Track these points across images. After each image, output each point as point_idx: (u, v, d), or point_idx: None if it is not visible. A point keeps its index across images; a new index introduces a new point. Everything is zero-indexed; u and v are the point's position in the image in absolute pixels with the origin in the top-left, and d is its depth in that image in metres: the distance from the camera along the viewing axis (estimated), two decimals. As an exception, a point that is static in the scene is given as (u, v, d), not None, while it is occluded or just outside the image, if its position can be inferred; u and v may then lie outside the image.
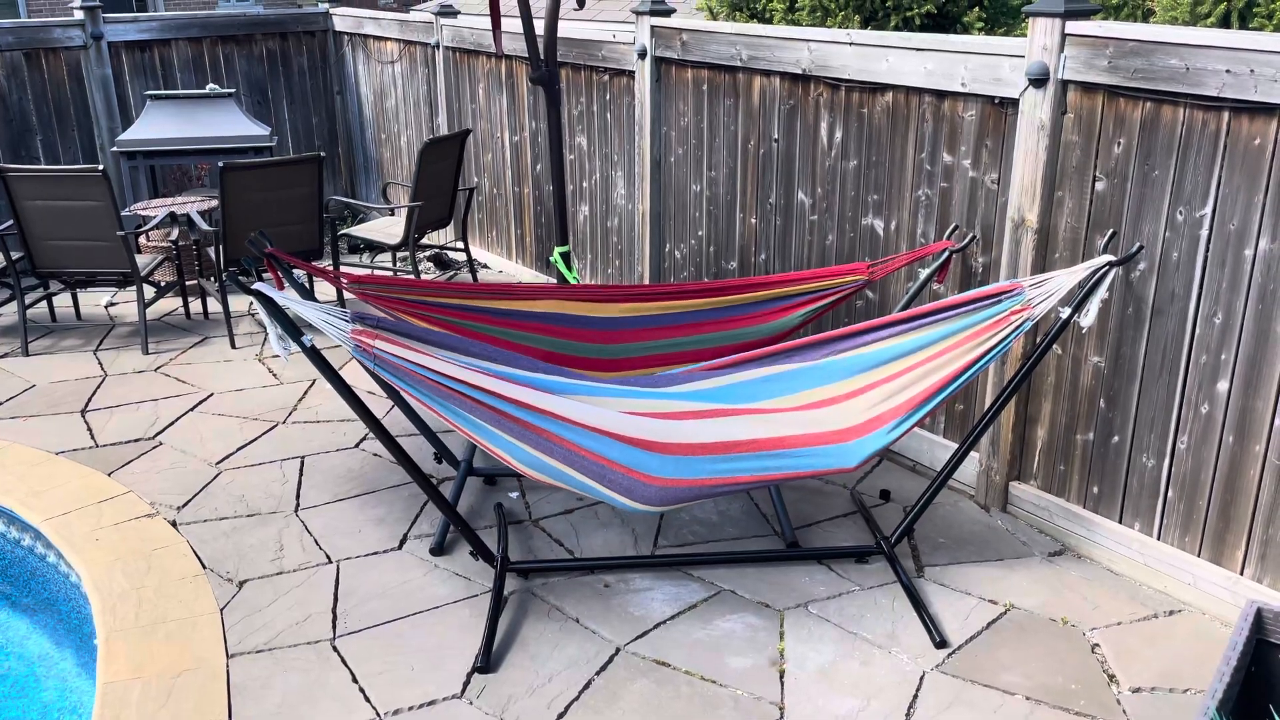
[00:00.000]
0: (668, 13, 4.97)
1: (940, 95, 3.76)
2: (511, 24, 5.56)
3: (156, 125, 6.62)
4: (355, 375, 5.01)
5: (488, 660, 3.04)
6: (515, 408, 3.05)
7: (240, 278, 3.02)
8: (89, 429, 4.59)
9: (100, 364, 5.37)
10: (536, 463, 3.07)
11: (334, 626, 3.23)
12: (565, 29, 5.45)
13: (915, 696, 2.91)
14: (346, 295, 6.06)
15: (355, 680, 2.98)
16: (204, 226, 5.77)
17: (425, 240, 7.04)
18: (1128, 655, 3.07)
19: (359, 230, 6.56)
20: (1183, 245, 3.15)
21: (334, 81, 8.21)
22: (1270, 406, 3.01)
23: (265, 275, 3.65)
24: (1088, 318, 3.12)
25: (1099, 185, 3.34)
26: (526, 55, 4.84)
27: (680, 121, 4.99)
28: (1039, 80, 3.35)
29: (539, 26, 4.76)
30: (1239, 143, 2.96)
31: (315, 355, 2.99)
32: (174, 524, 3.80)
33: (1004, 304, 3.11)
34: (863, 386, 3.24)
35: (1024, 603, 3.33)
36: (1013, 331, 3.09)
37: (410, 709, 2.87)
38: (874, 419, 3.19)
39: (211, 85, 7.40)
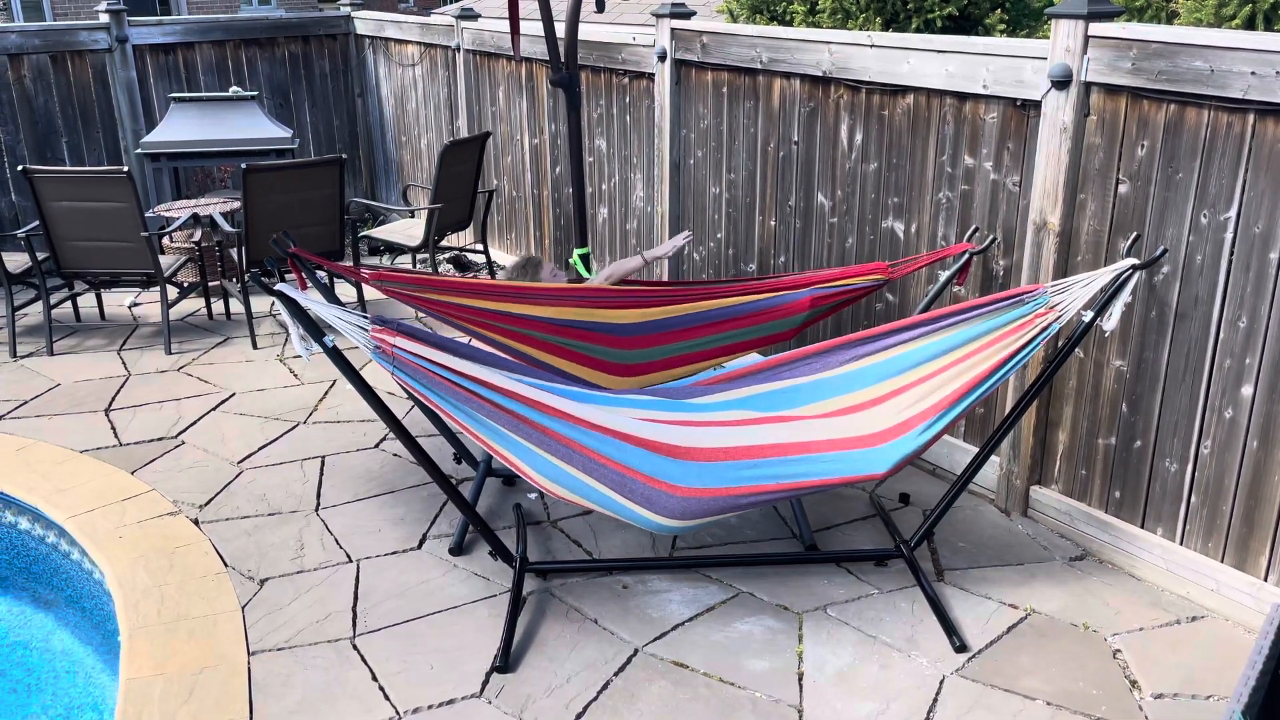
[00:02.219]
0: (688, 15, 4.98)
1: (961, 97, 3.74)
2: (532, 27, 5.58)
3: (180, 127, 6.68)
4: (376, 376, 5.03)
5: (506, 660, 3.05)
6: (535, 411, 3.02)
7: (263, 279, 3.04)
8: (112, 428, 4.64)
9: (124, 364, 5.42)
10: (555, 472, 3.02)
11: (354, 625, 3.24)
12: (585, 32, 5.46)
13: (935, 701, 2.90)
14: (368, 298, 6.10)
15: (375, 679, 3.00)
16: (226, 228, 5.82)
17: (445, 242, 7.07)
18: (1150, 661, 3.04)
19: (379, 232, 6.59)
20: (1207, 249, 3.13)
21: (355, 84, 8.26)
22: (1295, 411, 2.99)
23: (288, 276, 3.68)
24: (1110, 321, 3.09)
25: (1122, 188, 3.32)
26: (547, 58, 4.86)
27: (700, 124, 4.99)
28: (1062, 82, 3.34)
29: (559, 29, 4.77)
30: (1264, 145, 2.93)
31: (337, 356, 3.01)
32: (196, 522, 3.83)
33: (1028, 306, 3.09)
34: (890, 392, 3.21)
35: (1045, 608, 3.31)
36: (1038, 335, 3.07)
37: (429, 708, 2.88)
38: (902, 424, 3.15)
39: (234, 88, 7.47)
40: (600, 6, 4.91)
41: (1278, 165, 2.91)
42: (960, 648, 3.10)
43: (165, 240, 6.38)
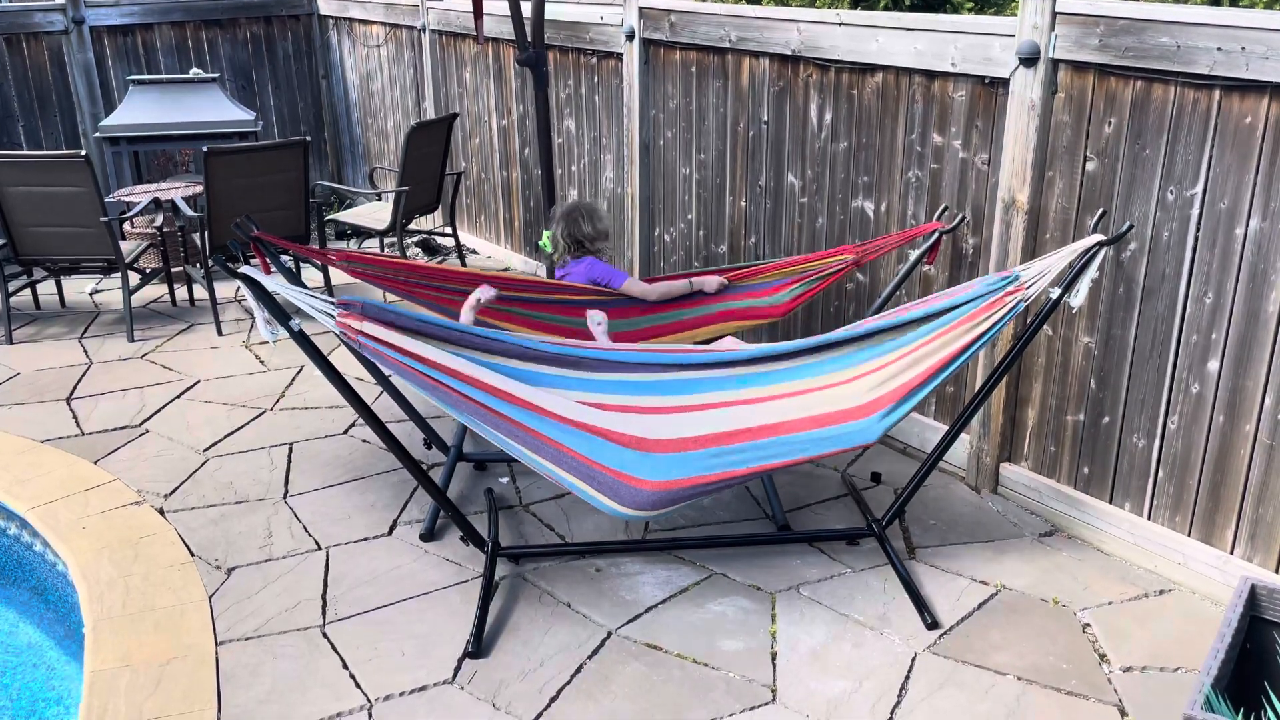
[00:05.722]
0: (656, -7, 4.93)
1: (930, 76, 3.73)
2: (498, 6, 5.51)
3: (140, 110, 6.56)
4: (344, 361, 4.97)
5: (479, 645, 3.03)
6: (502, 403, 2.95)
7: (227, 263, 2.98)
8: (74, 417, 4.55)
9: (85, 351, 5.33)
10: (524, 456, 2.99)
11: (324, 613, 3.21)
12: (552, 10, 5.39)
13: (907, 678, 2.91)
14: (336, 282, 6.02)
15: (345, 667, 2.97)
16: (189, 212, 5.72)
17: (413, 225, 7.00)
18: (1118, 635, 3.07)
19: (346, 216, 6.51)
20: (1173, 225, 3.14)
21: (319, 65, 8.14)
22: (1260, 386, 3.01)
23: (252, 260, 3.62)
24: (1078, 298, 3.10)
25: (1090, 165, 3.33)
26: (513, 37, 4.80)
27: (669, 104, 4.95)
28: (1029, 59, 3.33)
29: (526, 8, 4.72)
30: (1230, 121, 2.95)
31: (303, 340, 2.96)
32: (161, 512, 3.77)
33: (997, 286, 3.09)
34: (861, 373, 3.19)
35: (1015, 583, 3.33)
36: (1006, 314, 3.07)
37: (401, 695, 2.86)
38: (871, 403, 3.13)
39: (195, 70, 7.33)
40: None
41: (1243, 141, 2.93)
42: (932, 625, 3.12)
43: (126, 226, 6.26)
